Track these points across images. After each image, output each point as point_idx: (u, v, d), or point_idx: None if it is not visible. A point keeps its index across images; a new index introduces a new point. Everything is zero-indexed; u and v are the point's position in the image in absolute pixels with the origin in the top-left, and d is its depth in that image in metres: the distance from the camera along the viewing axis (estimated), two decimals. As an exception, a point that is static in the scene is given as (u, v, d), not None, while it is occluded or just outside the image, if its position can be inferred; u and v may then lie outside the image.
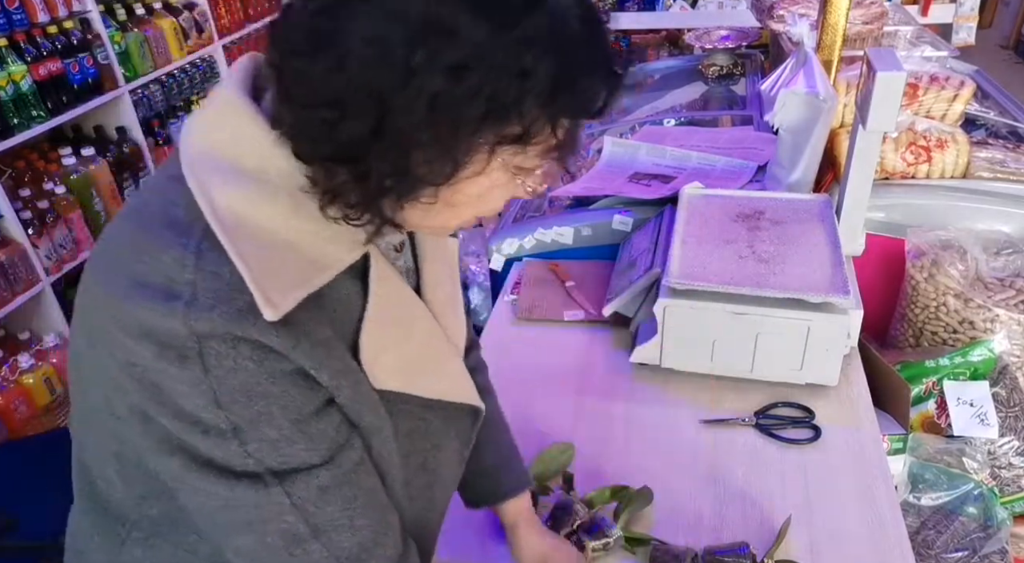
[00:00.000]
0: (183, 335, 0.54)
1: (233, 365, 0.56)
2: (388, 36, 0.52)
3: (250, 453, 0.59)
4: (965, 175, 1.62)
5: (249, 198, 0.58)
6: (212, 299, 0.55)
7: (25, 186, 2.66)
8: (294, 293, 0.58)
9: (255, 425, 0.58)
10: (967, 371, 1.45)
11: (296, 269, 0.59)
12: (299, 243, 0.60)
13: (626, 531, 1.05)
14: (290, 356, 0.58)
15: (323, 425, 0.62)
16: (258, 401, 0.58)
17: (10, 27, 2.51)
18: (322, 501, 0.62)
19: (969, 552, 1.30)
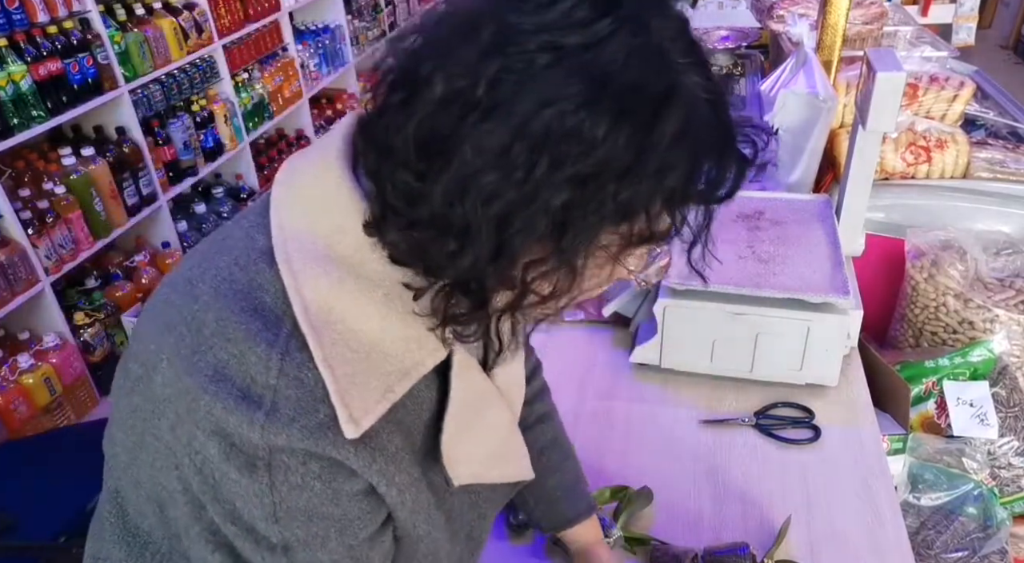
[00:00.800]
0: (256, 444, 0.52)
1: (300, 482, 0.54)
2: (512, 149, 0.47)
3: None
4: (965, 175, 1.62)
5: (343, 293, 0.54)
6: (293, 410, 0.52)
7: (25, 186, 2.66)
8: (377, 407, 0.55)
9: (308, 546, 0.56)
10: (967, 371, 1.45)
11: (381, 376, 0.56)
12: (386, 346, 0.56)
13: (626, 531, 1.05)
14: (365, 474, 0.56)
15: (373, 553, 0.61)
16: (318, 523, 0.56)
17: (10, 27, 2.51)
18: None
19: (969, 552, 1.30)
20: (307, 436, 0.52)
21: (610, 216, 0.50)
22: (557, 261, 0.51)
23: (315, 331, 0.53)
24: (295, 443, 0.52)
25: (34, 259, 2.55)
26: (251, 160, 3.85)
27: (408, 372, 0.57)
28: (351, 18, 4.65)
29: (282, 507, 0.54)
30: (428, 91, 0.49)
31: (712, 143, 0.52)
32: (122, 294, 2.98)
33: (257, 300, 0.55)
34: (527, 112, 0.47)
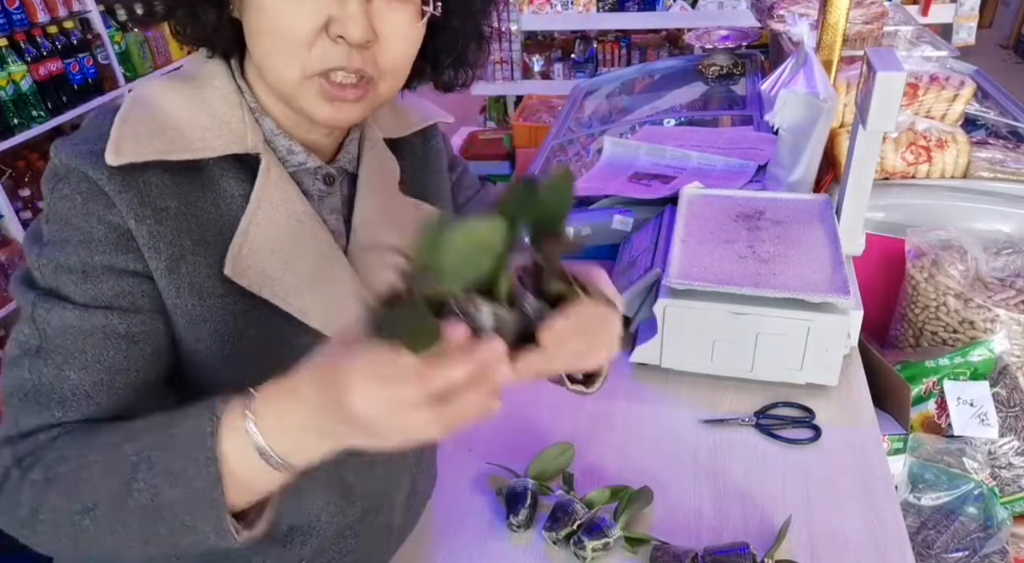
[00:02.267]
0: (54, 163, 0.68)
1: (68, 193, 0.67)
2: None
3: (41, 267, 0.68)
4: (965, 175, 1.62)
5: (166, 84, 0.73)
6: (80, 140, 0.68)
7: (25, 186, 2.66)
8: (142, 152, 0.67)
9: (54, 245, 0.68)
10: (967, 371, 1.45)
11: (162, 141, 0.69)
12: (183, 125, 0.71)
13: (626, 531, 1.05)
14: (115, 202, 0.67)
15: (105, 279, 0.68)
16: (68, 229, 0.67)
17: (10, 27, 2.51)
18: (58, 335, 0.67)
19: (969, 552, 1.30)
20: (80, 156, 0.67)
21: None
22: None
23: (131, 101, 0.71)
24: (69, 160, 0.67)
25: (34, 259, 2.55)
26: (251, 160, 3.85)
27: (192, 149, 0.70)
28: (351, 18, 4.65)
29: (52, 210, 0.68)
30: None
31: None
32: (122, 294, 2.98)
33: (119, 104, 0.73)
34: None
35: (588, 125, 2.45)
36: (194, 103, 0.72)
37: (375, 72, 0.71)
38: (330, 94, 0.70)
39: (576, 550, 1.02)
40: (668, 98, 2.56)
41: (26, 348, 0.67)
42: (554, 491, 1.12)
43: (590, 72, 4.49)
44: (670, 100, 2.54)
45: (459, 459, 1.19)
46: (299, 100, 0.71)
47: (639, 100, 2.56)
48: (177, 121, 0.71)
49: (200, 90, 0.73)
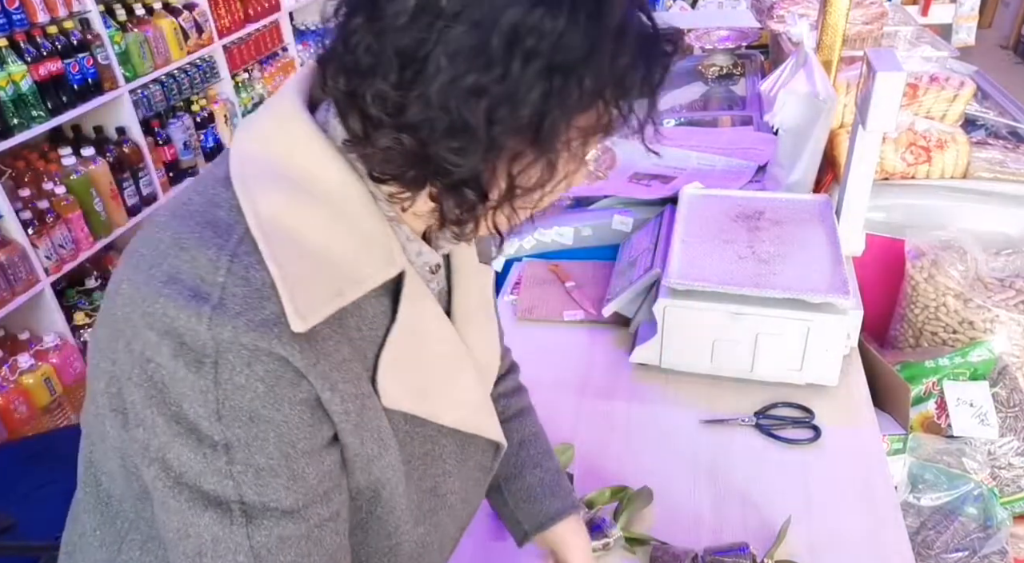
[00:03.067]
0: (204, 340, 0.54)
1: (244, 383, 0.55)
2: (488, 47, 0.52)
3: (233, 475, 0.57)
4: (965, 175, 1.62)
5: (292, 204, 0.58)
6: (240, 305, 0.54)
7: (25, 186, 2.66)
8: (325, 307, 0.57)
9: (247, 447, 0.57)
10: (967, 371, 1.45)
11: (330, 281, 0.58)
12: (336, 255, 0.59)
13: (626, 531, 1.05)
14: (308, 376, 0.57)
15: (310, 469, 0.60)
16: (259, 424, 0.56)
17: (10, 27, 2.51)
18: (278, 550, 0.59)
19: (969, 552, 1.30)
20: (252, 329, 0.54)
21: (576, 104, 0.56)
22: (537, 151, 0.57)
23: (265, 234, 0.56)
24: (241, 336, 0.53)
25: (34, 259, 2.55)
26: (251, 160, 3.85)
27: (358, 282, 0.60)
28: (351, 18, 4.65)
29: (225, 405, 0.55)
30: (394, 6, 0.53)
31: (646, 37, 0.58)
32: (122, 294, 2.98)
33: (211, 215, 0.58)
34: (491, 14, 0.52)
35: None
36: (335, 221, 0.59)
37: None
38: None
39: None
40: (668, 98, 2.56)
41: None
42: (554, 491, 1.12)
43: (590, 72, 4.48)
44: (670, 100, 2.54)
45: (459, 459, 1.19)
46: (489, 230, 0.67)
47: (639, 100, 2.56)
48: (329, 252, 0.58)
49: (337, 208, 0.60)
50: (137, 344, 0.56)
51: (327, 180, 0.59)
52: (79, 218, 2.75)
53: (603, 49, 0.54)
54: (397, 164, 0.58)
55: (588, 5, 0.54)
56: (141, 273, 0.58)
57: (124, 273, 0.60)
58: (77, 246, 2.76)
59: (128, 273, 0.59)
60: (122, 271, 0.60)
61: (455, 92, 0.53)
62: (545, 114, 0.55)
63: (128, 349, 0.57)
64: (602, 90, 0.56)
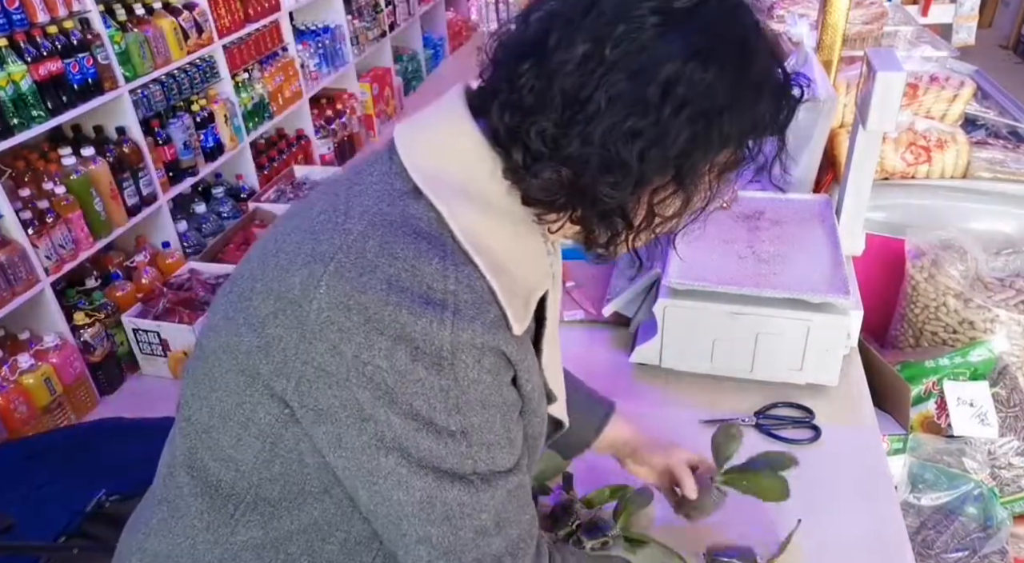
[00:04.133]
0: (444, 343, 0.61)
1: (477, 376, 0.63)
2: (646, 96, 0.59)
3: (471, 455, 0.65)
4: (965, 175, 1.62)
5: (483, 219, 0.66)
6: (473, 310, 0.62)
7: (25, 186, 2.66)
8: (527, 312, 0.67)
9: (480, 431, 0.65)
10: (967, 371, 1.45)
11: (520, 291, 0.67)
12: (515, 269, 0.67)
13: (626, 531, 1.05)
14: (517, 367, 0.67)
15: (518, 433, 0.70)
16: (489, 409, 0.65)
17: (10, 27, 2.51)
18: (508, 501, 0.69)
19: (969, 552, 1.30)
20: (486, 331, 0.62)
21: (715, 146, 0.63)
22: (677, 186, 0.64)
23: (474, 247, 0.64)
24: (476, 339, 0.62)
25: (34, 259, 2.55)
26: (251, 160, 3.85)
27: (534, 290, 0.70)
28: (351, 18, 4.65)
29: (463, 398, 0.63)
30: (563, 54, 0.61)
31: (780, 85, 0.66)
32: (122, 294, 2.98)
33: (413, 226, 0.64)
34: (650, 65, 0.59)
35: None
36: (514, 239, 0.68)
37: None
38: None
39: (576, 549, 1.02)
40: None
41: (484, 530, 0.68)
42: (554, 491, 1.12)
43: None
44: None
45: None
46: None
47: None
48: (511, 265, 0.67)
49: (513, 222, 0.68)
50: (349, 348, 0.61)
51: (503, 199, 0.67)
52: (79, 218, 2.74)
53: (745, 98, 0.62)
54: (551, 192, 0.65)
55: (735, 59, 0.62)
56: (349, 281, 0.62)
57: (317, 276, 0.63)
58: (77, 246, 2.76)
59: (328, 277, 0.63)
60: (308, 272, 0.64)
61: (614, 134, 0.60)
62: (690, 154, 0.62)
63: (335, 351, 0.62)
64: (740, 134, 0.64)
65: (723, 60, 0.61)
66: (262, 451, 0.70)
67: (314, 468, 0.70)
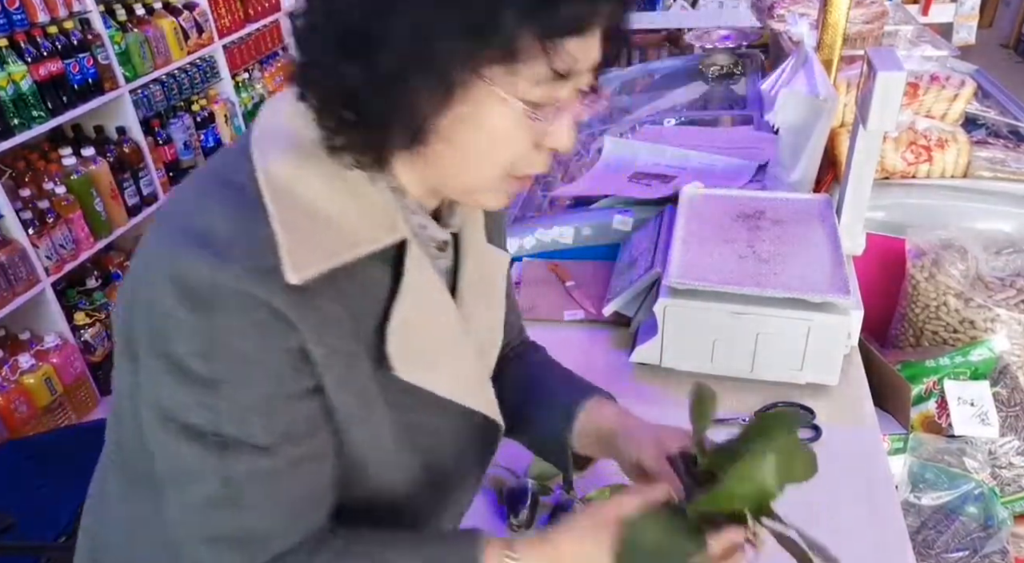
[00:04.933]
0: (206, 283, 0.58)
1: (237, 326, 0.59)
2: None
3: (214, 408, 0.61)
4: (965, 175, 1.61)
5: (300, 168, 0.63)
6: (243, 255, 0.58)
7: (25, 186, 2.66)
8: (320, 264, 0.60)
9: (231, 385, 0.61)
10: (967, 371, 1.45)
11: (328, 242, 0.62)
12: (338, 218, 0.63)
13: (626, 531, 1.05)
14: (299, 326, 0.61)
15: (289, 413, 0.64)
16: (247, 366, 0.61)
17: (10, 27, 2.51)
18: (250, 483, 0.64)
19: (970, 552, 1.30)
20: (251, 277, 0.58)
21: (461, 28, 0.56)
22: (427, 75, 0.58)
23: (274, 195, 0.61)
24: (240, 283, 0.58)
25: (34, 259, 2.55)
26: (251, 160, 3.85)
27: (358, 244, 0.64)
28: (351, 18, 4.65)
29: (217, 344, 0.59)
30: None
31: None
32: (122, 294, 2.98)
33: (228, 178, 0.64)
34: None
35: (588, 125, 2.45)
36: (339, 188, 0.64)
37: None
38: (517, 188, 0.70)
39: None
40: (668, 98, 2.56)
41: (215, 501, 0.64)
42: (554, 491, 1.12)
43: (590, 72, 4.48)
44: (670, 100, 2.53)
45: (459, 459, 1.19)
46: (481, 195, 0.69)
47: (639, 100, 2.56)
48: (330, 214, 0.63)
49: (341, 174, 0.64)
50: (146, 292, 0.61)
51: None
52: (79, 218, 2.75)
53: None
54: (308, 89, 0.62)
55: None
56: (161, 226, 0.63)
57: (146, 237, 0.65)
58: (77, 246, 2.76)
59: (151, 230, 0.64)
60: (145, 237, 0.66)
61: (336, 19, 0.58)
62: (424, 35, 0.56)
63: (137, 300, 0.62)
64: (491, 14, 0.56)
65: None
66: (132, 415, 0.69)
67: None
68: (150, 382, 0.63)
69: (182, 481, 0.64)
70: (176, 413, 0.62)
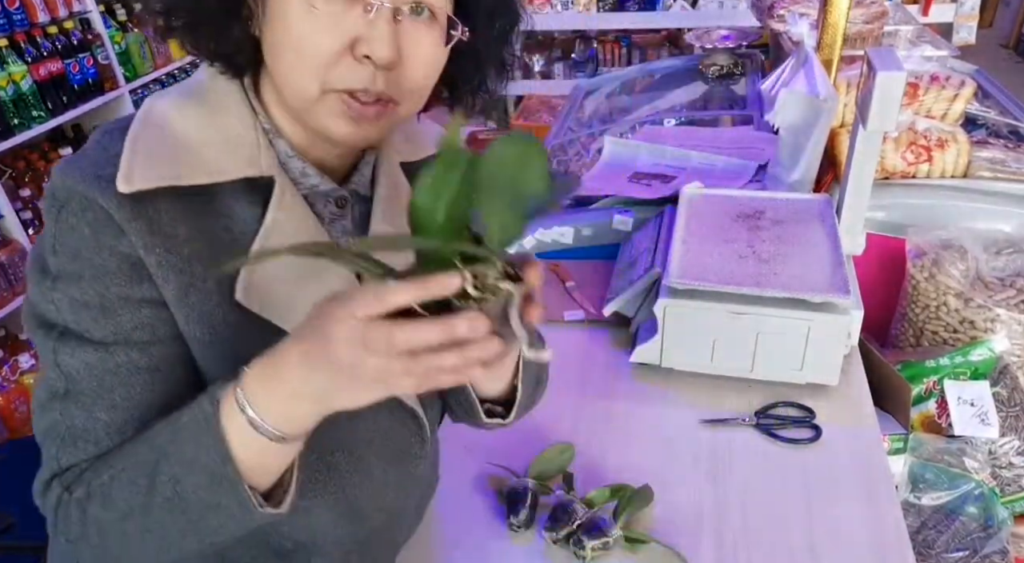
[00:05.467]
0: (58, 186, 0.65)
1: (75, 223, 0.64)
2: None
3: (55, 302, 0.66)
4: (966, 175, 1.61)
5: (177, 103, 0.71)
6: (88, 164, 0.65)
7: (25, 186, 2.67)
8: (153, 180, 0.65)
9: (67, 280, 0.66)
10: (968, 371, 1.45)
11: (173, 165, 0.67)
12: (197, 147, 0.69)
13: (626, 531, 1.05)
14: (125, 230, 0.65)
15: (124, 313, 0.67)
16: (79, 262, 0.65)
17: (10, 27, 2.51)
18: (82, 374, 0.67)
19: (970, 552, 1.30)
20: (87, 181, 0.64)
21: None
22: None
23: (141, 121, 0.69)
24: (77, 185, 0.64)
25: (34, 259, 2.55)
26: (251, 160, 3.85)
27: (208, 173, 0.68)
28: (351, 18, 4.65)
29: (59, 240, 0.65)
30: None
31: None
32: (122, 294, 2.98)
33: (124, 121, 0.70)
34: None
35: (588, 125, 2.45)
36: (207, 123, 0.70)
37: (396, 93, 0.69)
38: (350, 111, 0.69)
39: (576, 550, 1.02)
40: (668, 98, 2.56)
41: (53, 392, 0.67)
42: (554, 491, 1.12)
43: (590, 72, 4.48)
44: (670, 100, 2.53)
45: (459, 459, 1.19)
46: (317, 117, 0.69)
47: (639, 100, 2.56)
48: (189, 143, 0.68)
49: (213, 110, 0.71)
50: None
51: (216, 91, 0.72)
52: (79, 218, 2.74)
53: None
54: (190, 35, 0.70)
55: None
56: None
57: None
58: (77, 246, 2.76)
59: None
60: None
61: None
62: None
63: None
64: None
65: None
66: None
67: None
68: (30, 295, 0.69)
69: (41, 366, 0.70)
70: (36, 307, 0.68)
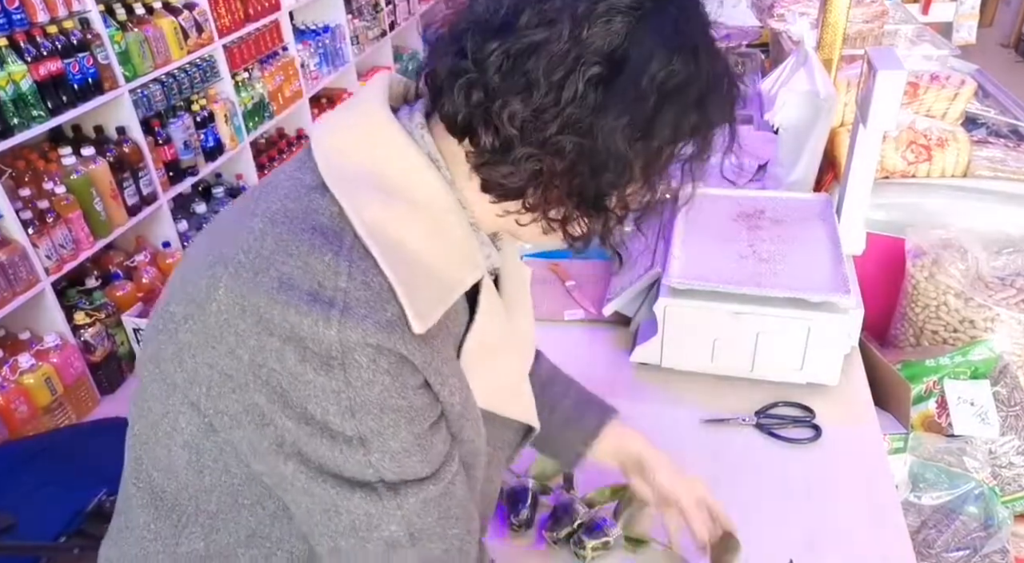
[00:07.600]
0: (332, 343, 0.57)
1: (371, 378, 0.59)
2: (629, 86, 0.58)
3: (372, 463, 0.61)
4: (965, 174, 1.62)
5: (393, 212, 0.62)
6: (365, 309, 0.58)
7: (25, 186, 2.66)
8: (437, 309, 0.62)
9: (381, 437, 0.61)
10: (968, 370, 1.45)
11: (435, 286, 0.63)
12: (434, 262, 0.63)
13: (626, 531, 1.05)
14: (424, 371, 0.62)
15: (436, 439, 0.65)
16: (389, 414, 0.61)
17: (10, 27, 2.51)
18: (424, 512, 0.65)
19: (970, 551, 1.30)
20: (379, 331, 0.58)
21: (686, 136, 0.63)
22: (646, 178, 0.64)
23: (375, 241, 0.60)
24: (368, 338, 0.57)
25: (34, 259, 2.55)
26: (251, 160, 3.85)
27: (455, 286, 0.65)
28: (351, 18, 4.65)
29: (356, 401, 0.59)
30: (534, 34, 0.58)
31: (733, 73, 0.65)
32: (122, 294, 2.98)
33: (314, 221, 0.61)
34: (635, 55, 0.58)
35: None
36: (433, 231, 0.64)
37: None
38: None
39: (576, 549, 1.02)
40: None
41: (396, 543, 0.65)
42: (554, 491, 1.12)
43: (590, 71, 4.48)
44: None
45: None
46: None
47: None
48: (430, 260, 0.63)
49: (432, 214, 0.64)
50: (245, 351, 0.59)
51: (422, 189, 0.64)
52: (79, 218, 2.74)
53: (718, 87, 0.62)
54: (523, 178, 0.62)
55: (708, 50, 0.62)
56: (244, 281, 0.59)
57: (218, 277, 0.61)
58: (77, 246, 2.76)
59: (227, 279, 0.60)
60: (212, 273, 0.61)
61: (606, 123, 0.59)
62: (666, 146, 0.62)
63: (233, 355, 0.59)
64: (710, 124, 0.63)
65: (699, 51, 0.61)
66: (191, 462, 0.68)
67: (242, 478, 0.67)
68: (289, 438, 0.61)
69: (359, 531, 0.64)
70: (331, 468, 0.62)
